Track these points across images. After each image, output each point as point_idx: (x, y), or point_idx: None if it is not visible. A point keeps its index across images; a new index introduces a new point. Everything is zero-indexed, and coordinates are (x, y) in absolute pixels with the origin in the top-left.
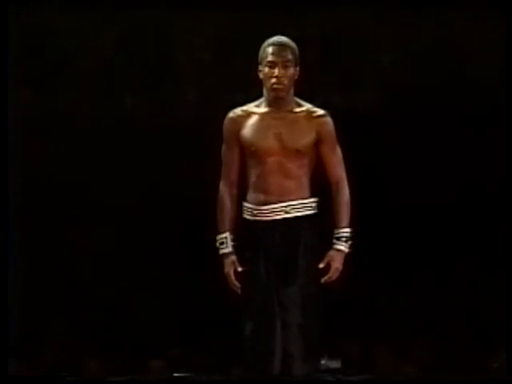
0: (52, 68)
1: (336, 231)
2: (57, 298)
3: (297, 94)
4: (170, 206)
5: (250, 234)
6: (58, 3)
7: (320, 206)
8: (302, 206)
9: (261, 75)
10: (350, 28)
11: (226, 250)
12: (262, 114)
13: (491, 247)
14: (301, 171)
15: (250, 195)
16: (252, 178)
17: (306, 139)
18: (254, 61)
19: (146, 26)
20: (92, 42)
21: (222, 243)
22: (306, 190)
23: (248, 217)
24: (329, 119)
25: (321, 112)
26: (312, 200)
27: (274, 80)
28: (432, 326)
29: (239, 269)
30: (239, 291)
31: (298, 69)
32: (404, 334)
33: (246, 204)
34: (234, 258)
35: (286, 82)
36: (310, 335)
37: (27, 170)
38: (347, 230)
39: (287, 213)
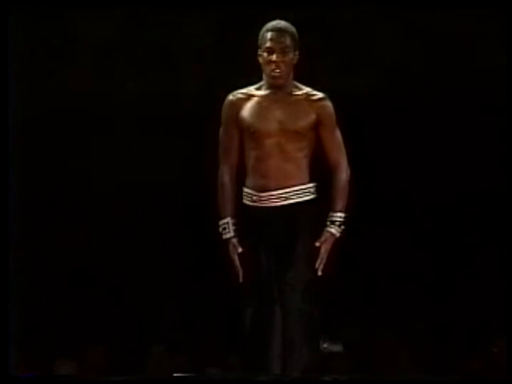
0: (52, 65)
1: (330, 214)
2: (58, 286)
3: (296, 78)
4: (170, 195)
5: (249, 219)
6: (58, 3)
7: (320, 190)
8: (302, 192)
9: (260, 60)
10: (351, 12)
11: (228, 235)
12: (262, 97)
13: (491, 239)
14: (300, 154)
15: (250, 180)
16: (251, 162)
17: (305, 121)
18: (254, 46)
19: (145, 17)
20: (91, 33)
21: (224, 228)
22: (306, 175)
23: (248, 202)
24: (328, 102)
25: (320, 95)
26: (311, 185)
27: (272, 66)
28: (431, 314)
29: (239, 250)
30: (241, 277)
31: (297, 53)
32: (404, 321)
33: (245, 189)
34: (235, 241)
35: (284, 67)
36: (309, 320)
37: (28, 167)
38: (341, 214)
39: (287, 199)
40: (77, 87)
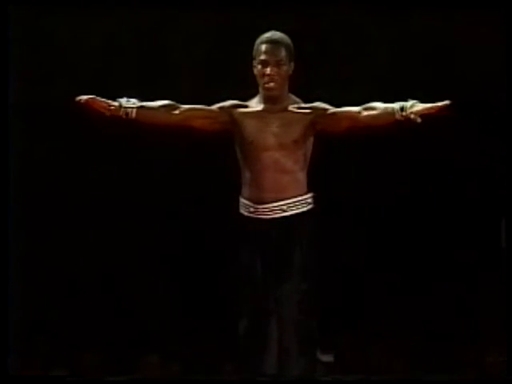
0: (51, 67)
1: (399, 113)
2: (55, 296)
3: (292, 89)
4: (168, 205)
5: (246, 230)
6: (57, 2)
7: (317, 200)
8: (299, 203)
9: (255, 71)
10: (347, 23)
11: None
12: (258, 109)
13: (489, 242)
14: (296, 166)
15: (246, 191)
16: (248, 174)
17: (300, 130)
18: (249, 57)
19: (141, 23)
20: (88, 40)
21: (128, 101)
22: (303, 186)
23: (244, 212)
24: (317, 103)
25: (310, 104)
26: (308, 196)
27: (266, 79)
28: (425, 324)
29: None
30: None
31: (292, 64)
32: (398, 330)
33: (242, 200)
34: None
35: (278, 80)
36: (305, 331)
37: (27, 170)
38: (396, 104)
39: (284, 211)
40: (73, 92)
